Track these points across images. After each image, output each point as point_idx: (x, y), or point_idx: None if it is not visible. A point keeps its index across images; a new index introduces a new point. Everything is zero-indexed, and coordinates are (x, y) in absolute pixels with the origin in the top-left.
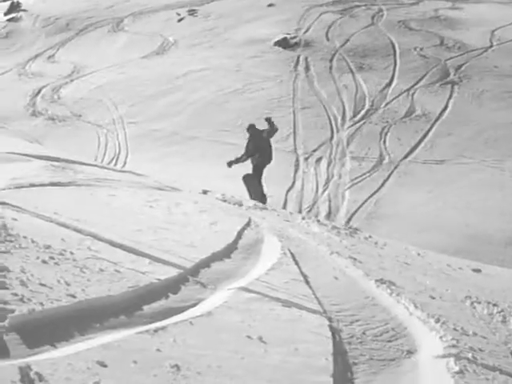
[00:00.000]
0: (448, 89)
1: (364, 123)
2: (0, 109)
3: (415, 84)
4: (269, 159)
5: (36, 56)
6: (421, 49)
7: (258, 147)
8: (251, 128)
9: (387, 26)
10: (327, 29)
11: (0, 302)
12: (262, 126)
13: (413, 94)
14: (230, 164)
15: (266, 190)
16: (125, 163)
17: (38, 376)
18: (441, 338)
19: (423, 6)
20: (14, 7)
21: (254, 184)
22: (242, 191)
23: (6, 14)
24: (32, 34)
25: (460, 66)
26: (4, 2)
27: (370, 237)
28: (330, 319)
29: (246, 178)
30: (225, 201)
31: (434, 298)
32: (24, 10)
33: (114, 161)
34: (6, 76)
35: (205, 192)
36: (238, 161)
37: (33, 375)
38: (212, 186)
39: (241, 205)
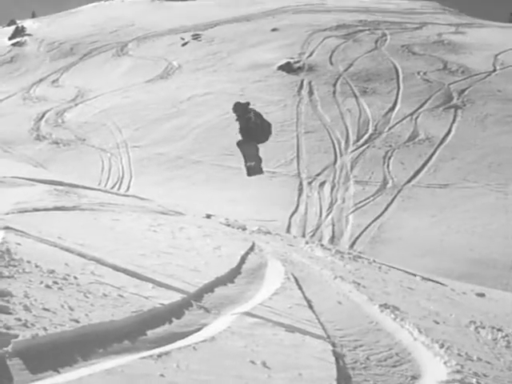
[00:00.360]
0: (451, 113)
1: (367, 147)
2: (5, 133)
3: (418, 108)
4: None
5: (40, 80)
6: (424, 73)
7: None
8: (237, 106)
9: (390, 51)
10: (331, 53)
11: (3, 327)
12: None
13: (416, 118)
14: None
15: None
16: (128, 187)
17: None
18: (445, 363)
19: (426, 31)
20: (19, 32)
21: (250, 147)
22: (245, 215)
23: (10, 39)
24: (36, 59)
25: (463, 90)
26: (8, 26)
27: (374, 261)
28: (333, 344)
29: (241, 143)
30: (228, 225)
31: (438, 323)
32: (28, 35)
33: (117, 185)
34: (10, 100)
35: (208, 216)
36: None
37: None
38: (216, 210)
39: (244, 229)
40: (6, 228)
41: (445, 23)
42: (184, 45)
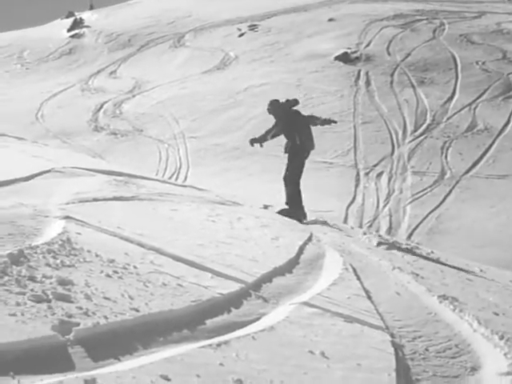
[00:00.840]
0: (511, 103)
1: (425, 138)
2: (64, 124)
3: (477, 98)
4: (311, 144)
5: (98, 72)
6: (483, 63)
7: (292, 127)
8: (273, 105)
9: (449, 40)
10: (388, 43)
11: (65, 316)
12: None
13: (475, 109)
14: (252, 142)
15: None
16: (186, 177)
17: None
18: (505, 354)
19: (485, 20)
20: (77, 24)
21: (293, 187)
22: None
23: (69, 31)
24: (94, 50)
25: None
26: (67, 18)
27: (432, 252)
28: (392, 335)
29: (287, 180)
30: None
31: (497, 315)
32: (87, 27)
33: (175, 175)
34: (69, 92)
35: (266, 207)
36: (264, 138)
37: None
38: (273, 201)
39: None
40: (67, 217)
41: (504, 12)
42: (241, 35)
